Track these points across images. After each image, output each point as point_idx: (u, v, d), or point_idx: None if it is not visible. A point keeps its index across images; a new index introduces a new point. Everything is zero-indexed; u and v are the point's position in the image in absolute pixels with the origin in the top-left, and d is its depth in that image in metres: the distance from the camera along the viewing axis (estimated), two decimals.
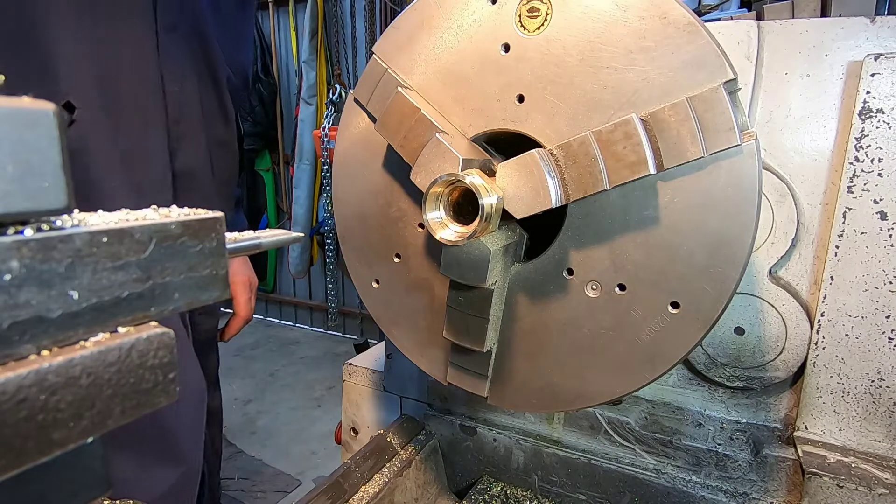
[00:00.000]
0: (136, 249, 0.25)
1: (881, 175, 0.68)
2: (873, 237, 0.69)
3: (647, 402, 0.86)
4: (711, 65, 0.50)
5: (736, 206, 0.51)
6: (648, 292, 0.56)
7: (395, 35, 0.66)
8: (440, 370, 0.71)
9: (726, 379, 0.80)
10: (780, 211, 0.75)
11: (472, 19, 0.61)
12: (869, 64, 0.67)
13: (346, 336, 5.02)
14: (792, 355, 0.76)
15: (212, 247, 0.30)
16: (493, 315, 0.62)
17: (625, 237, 0.56)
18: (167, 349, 0.26)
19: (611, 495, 0.86)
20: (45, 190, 0.22)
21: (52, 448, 0.22)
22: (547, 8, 0.56)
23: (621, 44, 0.53)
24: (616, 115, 0.53)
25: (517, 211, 0.55)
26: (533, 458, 0.92)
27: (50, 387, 0.22)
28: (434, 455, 0.98)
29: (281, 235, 0.42)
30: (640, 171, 0.51)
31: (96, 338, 0.24)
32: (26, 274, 0.21)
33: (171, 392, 0.27)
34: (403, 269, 0.71)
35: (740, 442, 0.81)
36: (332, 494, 0.80)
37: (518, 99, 0.59)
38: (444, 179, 0.54)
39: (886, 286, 0.69)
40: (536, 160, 0.53)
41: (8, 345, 0.21)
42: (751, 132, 0.51)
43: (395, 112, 0.62)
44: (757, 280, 0.77)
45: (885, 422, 0.72)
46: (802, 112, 0.73)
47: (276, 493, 3.20)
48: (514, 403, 0.67)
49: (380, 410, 1.11)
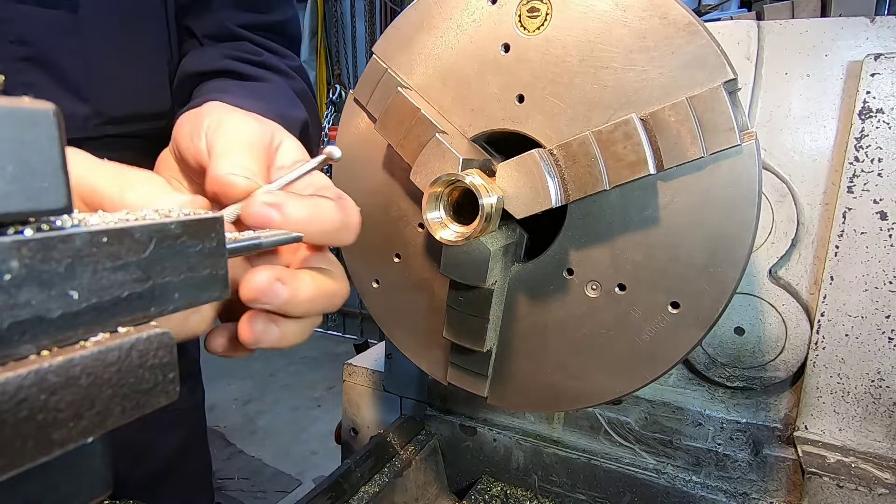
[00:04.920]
0: (136, 249, 0.25)
1: (881, 175, 0.68)
2: (873, 237, 0.69)
3: (647, 402, 0.86)
4: (711, 65, 0.50)
5: (736, 206, 0.51)
6: (648, 292, 0.56)
7: (395, 35, 0.66)
8: (440, 370, 0.71)
9: (726, 379, 0.80)
10: (780, 211, 0.75)
11: (472, 19, 0.61)
12: (869, 64, 0.67)
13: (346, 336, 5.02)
14: (792, 355, 0.76)
15: (212, 247, 0.30)
16: (492, 315, 0.62)
17: (625, 237, 0.56)
18: (167, 349, 0.26)
19: (611, 495, 0.86)
20: (45, 190, 0.22)
21: (52, 448, 0.22)
22: (547, 8, 0.56)
23: (621, 44, 0.53)
24: (616, 115, 0.53)
25: (517, 211, 0.55)
26: (533, 458, 0.92)
27: (50, 387, 0.22)
28: (434, 455, 0.98)
29: (281, 235, 0.42)
30: (640, 171, 0.51)
31: (96, 338, 0.24)
32: (26, 274, 0.21)
33: (171, 392, 0.27)
34: (403, 270, 0.71)
35: (740, 442, 0.81)
36: (332, 494, 0.80)
37: (518, 99, 0.59)
38: (444, 179, 0.54)
39: (886, 286, 0.69)
40: (536, 160, 0.54)
41: (8, 345, 0.21)
42: (751, 132, 0.51)
43: (395, 112, 0.62)
44: (757, 280, 0.77)
45: (885, 422, 0.72)
46: (802, 112, 0.73)
47: (276, 493, 3.21)
48: (514, 403, 0.67)
49: (380, 410, 1.11)
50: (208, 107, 0.56)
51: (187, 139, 0.53)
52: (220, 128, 0.51)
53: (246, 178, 0.46)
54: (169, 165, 0.59)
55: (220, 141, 0.50)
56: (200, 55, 0.96)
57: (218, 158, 0.47)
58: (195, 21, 0.99)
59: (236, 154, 0.48)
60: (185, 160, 0.54)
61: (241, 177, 0.46)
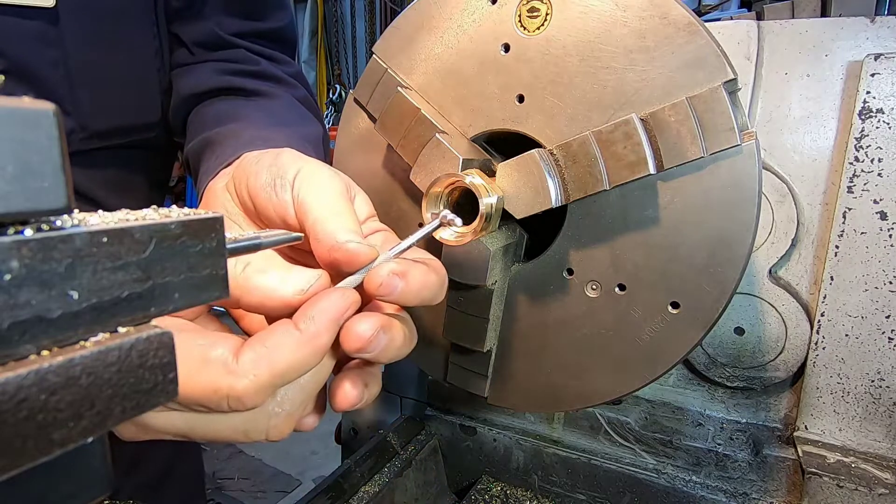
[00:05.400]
0: (136, 249, 0.25)
1: (881, 175, 0.68)
2: (873, 237, 0.69)
3: (647, 402, 0.86)
4: (711, 65, 0.50)
5: (736, 206, 0.51)
6: (648, 292, 0.56)
7: (395, 35, 0.66)
8: (440, 370, 0.71)
9: (726, 379, 0.80)
10: (780, 211, 0.75)
11: (472, 19, 0.61)
12: (869, 64, 0.67)
13: None
14: (792, 355, 0.76)
15: (212, 247, 0.30)
16: (493, 315, 0.62)
17: (625, 237, 0.56)
18: (167, 349, 0.26)
19: (611, 495, 0.86)
20: (45, 190, 0.22)
21: (52, 448, 0.22)
22: (547, 8, 0.56)
23: (621, 44, 0.53)
24: (616, 115, 0.53)
25: (517, 211, 0.55)
26: (533, 458, 0.92)
27: (50, 387, 0.22)
28: (434, 455, 0.98)
29: (281, 235, 0.42)
30: (640, 171, 0.51)
31: (96, 338, 0.24)
32: (26, 274, 0.21)
33: (172, 392, 0.27)
34: None
35: (740, 442, 0.81)
36: (332, 494, 0.80)
37: (518, 99, 0.59)
38: (443, 179, 0.54)
39: (886, 286, 0.69)
40: (536, 160, 0.54)
41: (8, 345, 0.21)
42: (751, 132, 0.51)
43: (395, 112, 0.62)
44: (757, 280, 0.77)
45: (885, 422, 0.72)
46: (802, 112, 0.73)
47: (276, 493, 3.21)
48: (514, 403, 0.67)
49: (380, 410, 1.11)
50: (286, 156, 0.57)
51: (267, 189, 0.54)
52: (309, 183, 0.52)
53: (370, 245, 0.47)
54: (223, 201, 0.60)
55: (315, 200, 0.50)
56: (195, 76, 0.93)
57: (326, 223, 0.48)
58: (185, 28, 0.95)
59: (343, 217, 0.49)
60: (260, 207, 0.55)
61: (365, 245, 0.47)
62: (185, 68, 0.96)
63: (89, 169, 0.91)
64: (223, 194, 0.60)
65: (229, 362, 0.41)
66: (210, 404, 0.42)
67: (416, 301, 0.49)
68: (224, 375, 0.41)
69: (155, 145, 1.02)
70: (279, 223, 0.54)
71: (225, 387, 0.41)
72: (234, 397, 0.41)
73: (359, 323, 0.45)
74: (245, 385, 0.41)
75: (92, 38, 0.84)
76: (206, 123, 0.86)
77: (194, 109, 0.93)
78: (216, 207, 0.60)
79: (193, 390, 0.41)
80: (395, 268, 0.47)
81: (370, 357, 0.48)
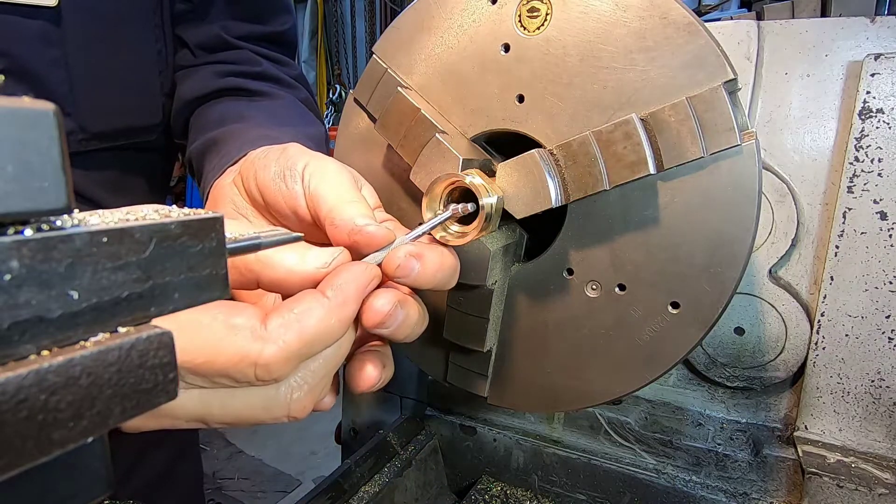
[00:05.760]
0: (136, 249, 0.25)
1: (881, 175, 0.68)
2: (873, 237, 0.69)
3: (647, 402, 0.86)
4: (711, 65, 0.50)
5: (736, 206, 0.51)
6: (648, 292, 0.56)
7: (395, 35, 0.66)
8: (440, 370, 0.71)
9: (726, 379, 0.80)
10: (780, 211, 0.75)
11: (472, 19, 0.61)
12: (869, 64, 0.67)
13: None
14: (792, 355, 0.76)
15: (212, 247, 0.30)
16: (493, 315, 0.62)
17: (625, 237, 0.56)
18: (167, 349, 0.26)
19: (611, 495, 0.86)
20: (45, 190, 0.22)
21: (52, 448, 0.22)
22: (547, 8, 0.56)
23: (621, 44, 0.53)
24: (616, 115, 0.53)
25: (517, 211, 0.55)
26: (533, 458, 0.92)
27: (50, 387, 0.22)
28: (434, 455, 0.98)
29: (281, 235, 0.42)
30: (640, 171, 0.51)
31: (96, 338, 0.24)
32: (26, 274, 0.21)
33: (172, 392, 0.27)
34: None
35: (740, 442, 0.81)
36: (332, 494, 0.80)
37: (518, 99, 0.59)
38: (443, 179, 0.54)
39: (886, 286, 0.69)
40: (536, 160, 0.54)
41: (8, 345, 0.21)
42: (751, 132, 0.51)
43: (395, 112, 0.62)
44: (757, 280, 0.77)
45: (885, 422, 0.72)
46: (802, 112, 0.73)
47: (276, 493, 3.21)
48: (514, 403, 0.67)
49: (380, 410, 1.11)
50: (293, 149, 0.57)
51: (277, 181, 0.54)
52: (320, 174, 0.53)
53: (388, 227, 0.48)
54: (231, 196, 0.60)
55: (329, 190, 0.51)
56: (198, 79, 0.93)
57: (342, 210, 0.49)
58: (189, 31, 0.95)
59: (358, 204, 0.50)
60: (269, 199, 0.56)
61: (383, 227, 0.48)
62: (187, 72, 0.96)
63: (89, 170, 0.90)
64: (231, 189, 0.60)
65: (257, 328, 0.40)
66: (235, 374, 0.40)
67: (432, 284, 0.49)
68: (252, 342, 0.39)
69: (155, 147, 1.02)
70: (289, 214, 0.54)
71: (254, 353, 0.39)
72: (261, 364, 0.39)
73: (377, 298, 0.46)
74: (273, 351, 0.39)
75: (94, 39, 0.84)
76: (209, 124, 0.86)
77: (197, 110, 0.93)
78: (224, 203, 0.61)
79: (218, 358, 0.39)
80: (412, 250, 0.48)
81: (387, 333, 0.48)
